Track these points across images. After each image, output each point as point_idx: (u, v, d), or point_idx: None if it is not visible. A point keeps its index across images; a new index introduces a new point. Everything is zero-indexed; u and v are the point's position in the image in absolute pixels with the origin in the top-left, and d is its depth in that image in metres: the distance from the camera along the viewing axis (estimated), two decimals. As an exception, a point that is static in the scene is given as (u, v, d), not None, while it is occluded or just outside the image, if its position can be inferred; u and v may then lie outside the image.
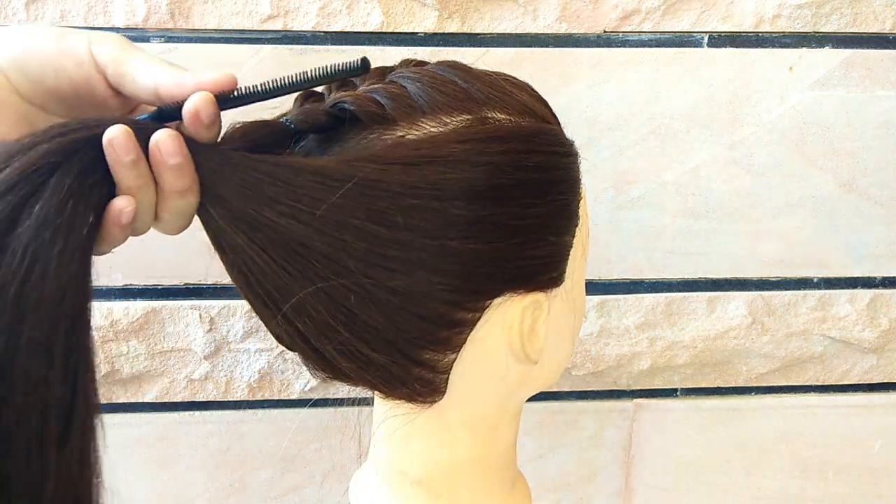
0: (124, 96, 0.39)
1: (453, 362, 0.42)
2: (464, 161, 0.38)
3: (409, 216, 0.38)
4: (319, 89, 0.43)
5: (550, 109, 0.44)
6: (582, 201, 0.44)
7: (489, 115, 0.41)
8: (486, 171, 0.39)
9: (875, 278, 0.76)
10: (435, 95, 0.40)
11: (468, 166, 0.38)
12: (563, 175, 0.43)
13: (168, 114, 0.37)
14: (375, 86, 0.41)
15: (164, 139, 0.35)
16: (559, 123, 0.45)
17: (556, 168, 0.42)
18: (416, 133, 0.39)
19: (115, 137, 0.34)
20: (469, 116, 0.40)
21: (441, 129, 0.40)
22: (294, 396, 0.74)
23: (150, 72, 0.37)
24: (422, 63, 0.44)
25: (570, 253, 0.44)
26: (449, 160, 0.38)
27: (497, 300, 0.41)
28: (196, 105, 0.36)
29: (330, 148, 0.40)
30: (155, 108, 0.38)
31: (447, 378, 0.43)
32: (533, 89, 0.44)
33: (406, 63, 0.44)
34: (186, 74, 0.37)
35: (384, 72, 0.43)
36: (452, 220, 0.38)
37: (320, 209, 0.37)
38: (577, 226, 0.44)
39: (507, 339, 0.42)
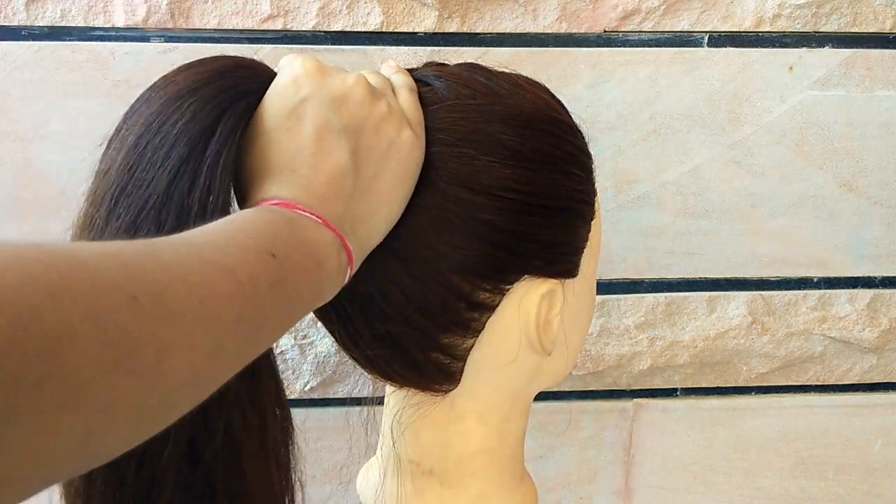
0: None
1: (471, 348, 0.43)
2: (501, 131, 0.40)
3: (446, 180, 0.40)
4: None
5: (567, 110, 0.46)
6: (596, 197, 0.46)
7: None
8: (524, 144, 0.41)
9: (875, 278, 0.76)
10: (461, 91, 0.41)
11: (506, 135, 0.40)
12: (585, 164, 0.45)
13: None
14: None
15: None
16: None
17: (580, 157, 0.44)
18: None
19: None
20: None
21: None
22: (294, 396, 0.74)
23: None
24: (443, 65, 0.45)
25: (586, 245, 0.45)
26: (485, 132, 0.40)
27: (517, 285, 0.42)
28: None
29: None
30: None
31: (462, 366, 0.44)
32: (548, 90, 0.46)
33: (427, 65, 0.46)
34: None
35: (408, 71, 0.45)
36: (484, 184, 0.40)
37: None
38: (592, 218, 0.45)
39: (524, 328, 0.43)
